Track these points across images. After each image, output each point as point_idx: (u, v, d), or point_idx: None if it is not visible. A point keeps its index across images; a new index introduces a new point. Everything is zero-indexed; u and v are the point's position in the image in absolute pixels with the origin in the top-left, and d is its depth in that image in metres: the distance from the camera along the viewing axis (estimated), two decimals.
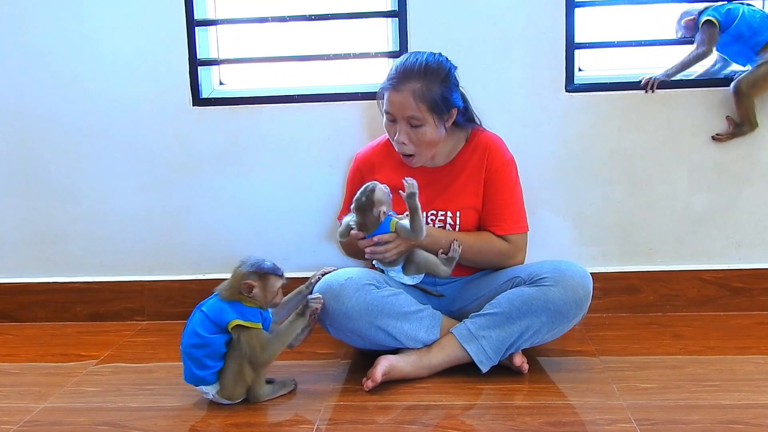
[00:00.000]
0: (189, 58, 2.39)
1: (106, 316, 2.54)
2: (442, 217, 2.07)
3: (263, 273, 1.76)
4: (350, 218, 1.95)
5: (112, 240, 2.51)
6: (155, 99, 2.42)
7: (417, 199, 1.85)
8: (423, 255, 1.97)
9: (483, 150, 2.08)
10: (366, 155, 2.20)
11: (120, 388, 1.95)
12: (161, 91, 2.42)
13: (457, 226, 2.06)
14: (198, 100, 2.41)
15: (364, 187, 1.91)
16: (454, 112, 2.03)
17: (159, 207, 2.48)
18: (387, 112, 2.00)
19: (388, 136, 2.09)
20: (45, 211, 2.51)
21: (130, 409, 1.81)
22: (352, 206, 1.93)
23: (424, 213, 2.02)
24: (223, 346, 1.76)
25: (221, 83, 2.53)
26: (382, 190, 1.90)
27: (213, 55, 2.48)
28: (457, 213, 2.06)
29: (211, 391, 1.78)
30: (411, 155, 2.02)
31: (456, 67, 2.04)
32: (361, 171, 2.17)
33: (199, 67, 2.40)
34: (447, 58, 2.04)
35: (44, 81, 2.44)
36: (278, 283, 1.79)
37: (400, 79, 1.96)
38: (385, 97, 1.99)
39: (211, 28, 2.46)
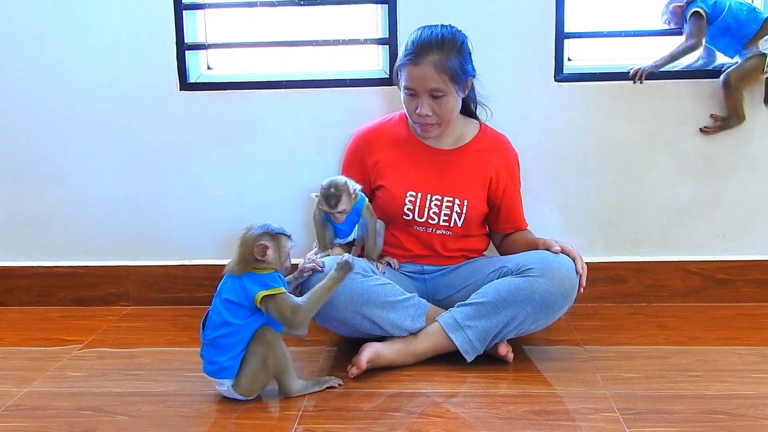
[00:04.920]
0: (176, 42, 2.37)
1: (91, 301, 2.52)
2: (449, 204, 2.08)
3: (274, 234, 1.73)
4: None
5: (97, 225, 2.49)
6: (142, 83, 2.40)
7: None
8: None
9: (496, 146, 2.16)
10: (368, 132, 2.21)
11: (104, 373, 1.95)
12: (148, 75, 2.39)
13: (464, 215, 2.09)
14: (185, 84, 2.39)
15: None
16: (471, 81, 2.08)
17: (145, 192, 2.47)
18: (407, 88, 2.02)
19: (391, 116, 2.19)
20: (29, 195, 2.49)
21: (114, 394, 1.81)
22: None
23: (429, 195, 2.08)
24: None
25: (209, 68, 2.51)
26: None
27: (201, 40, 2.46)
28: (465, 201, 2.09)
29: (227, 383, 1.72)
30: (433, 124, 2.05)
31: (467, 37, 2.06)
32: (361, 149, 2.18)
33: (186, 51, 2.38)
34: (459, 29, 2.06)
35: (29, 64, 2.41)
36: (289, 244, 1.76)
37: (418, 52, 1.98)
38: (404, 72, 2.02)
39: (199, 11, 2.44)
